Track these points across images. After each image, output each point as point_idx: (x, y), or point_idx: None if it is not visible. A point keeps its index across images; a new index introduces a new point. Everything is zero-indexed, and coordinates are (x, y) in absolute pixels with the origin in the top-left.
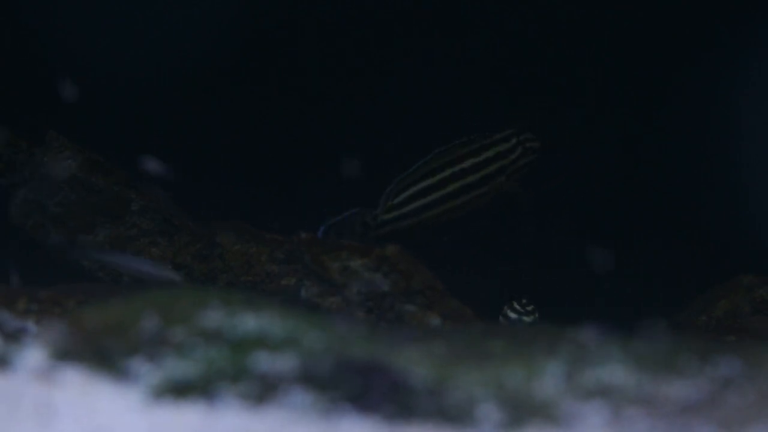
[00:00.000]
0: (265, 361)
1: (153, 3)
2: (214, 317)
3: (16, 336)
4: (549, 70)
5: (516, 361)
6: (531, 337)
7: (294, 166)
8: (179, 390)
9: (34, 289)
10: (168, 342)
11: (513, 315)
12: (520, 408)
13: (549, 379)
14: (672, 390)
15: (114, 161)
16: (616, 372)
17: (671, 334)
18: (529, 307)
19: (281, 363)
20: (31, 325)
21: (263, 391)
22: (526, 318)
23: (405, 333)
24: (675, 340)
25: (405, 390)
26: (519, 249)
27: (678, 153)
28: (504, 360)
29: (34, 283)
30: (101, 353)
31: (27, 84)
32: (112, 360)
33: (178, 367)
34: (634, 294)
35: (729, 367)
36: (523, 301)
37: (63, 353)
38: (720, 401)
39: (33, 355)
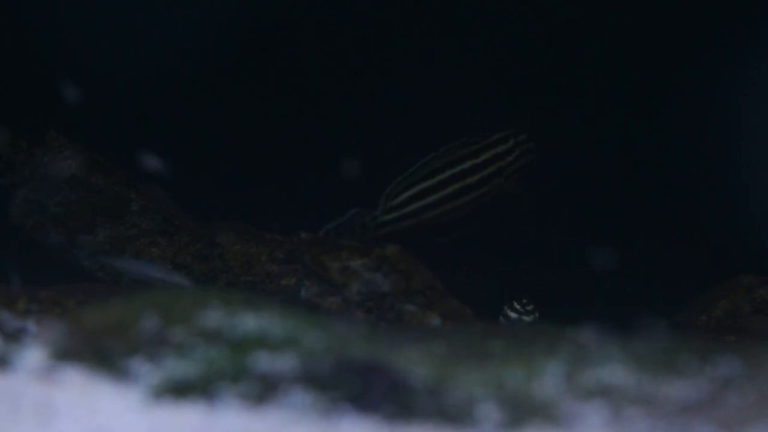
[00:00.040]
0: (265, 361)
1: (153, 3)
2: (214, 317)
3: (16, 336)
4: (549, 70)
5: (516, 361)
6: (531, 337)
7: (294, 166)
8: (179, 390)
9: (34, 289)
10: (168, 342)
11: (513, 315)
12: (520, 408)
13: (549, 379)
14: (672, 390)
15: (114, 161)
16: (616, 372)
17: (671, 334)
18: (529, 307)
19: (281, 363)
20: (31, 325)
21: (263, 391)
22: (526, 318)
23: (405, 333)
24: (675, 340)
25: (405, 390)
26: (519, 249)
27: (678, 153)
28: (504, 360)
29: (34, 283)
30: (101, 353)
31: (27, 84)
32: (112, 360)
33: (178, 367)
34: (634, 294)
35: (729, 367)
36: (523, 301)
37: (63, 353)
38: (720, 401)
39: (33, 355)
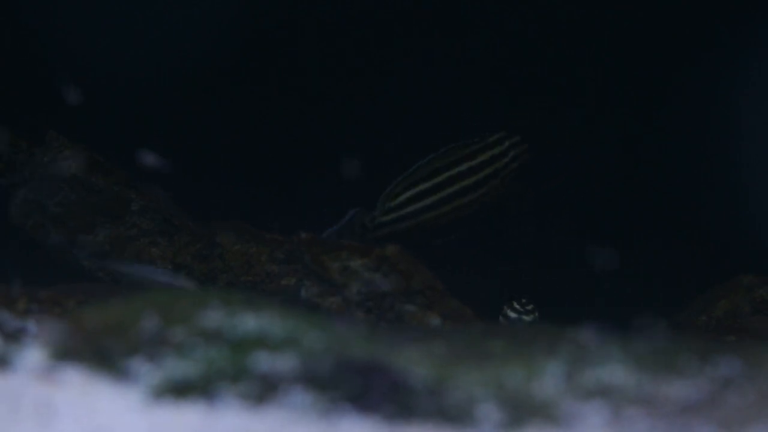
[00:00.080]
0: (265, 361)
1: (153, 3)
2: (214, 317)
3: (16, 336)
4: (549, 70)
5: (516, 361)
6: (531, 337)
7: (294, 166)
8: (179, 390)
9: (34, 289)
10: (168, 342)
11: (513, 314)
12: (520, 408)
13: (549, 379)
14: (672, 390)
15: (114, 161)
16: (616, 372)
17: (671, 334)
18: (529, 307)
19: (281, 363)
20: (31, 325)
21: (263, 391)
22: (526, 317)
23: (405, 333)
24: (675, 340)
25: (405, 390)
26: (519, 249)
27: (678, 153)
28: (504, 360)
29: (34, 283)
30: (101, 353)
31: (27, 84)
32: (112, 360)
33: (178, 367)
34: (634, 294)
35: (729, 367)
36: (523, 301)
37: (63, 353)
38: (720, 401)
39: (33, 355)
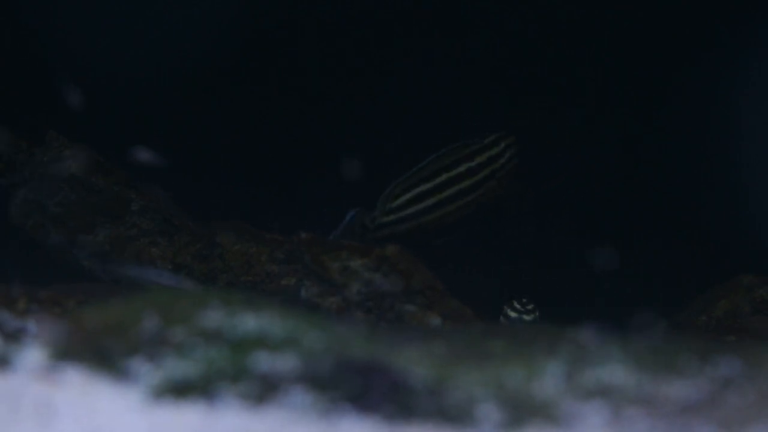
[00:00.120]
0: (265, 361)
1: (153, 3)
2: (214, 317)
3: (16, 336)
4: (549, 70)
5: (516, 361)
6: (531, 337)
7: (294, 166)
8: (179, 390)
9: (34, 289)
10: (168, 342)
11: (513, 314)
12: (520, 408)
13: (549, 379)
14: (672, 390)
15: (114, 161)
16: (616, 372)
17: (671, 334)
18: (529, 306)
19: (281, 363)
20: (31, 325)
21: (263, 391)
22: (526, 317)
23: (405, 333)
24: (675, 340)
25: (405, 390)
26: (519, 249)
27: (678, 153)
28: (504, 360)
29: (34, 283)
30: (101, 353)
31: (27, 84)
32: (112, 360)
33: (178, 367)
34: (634, 294)
35: (729, 367)
36: (523, 300)
37: (63, 353)
38: (720, 401)
39: (33, 355)
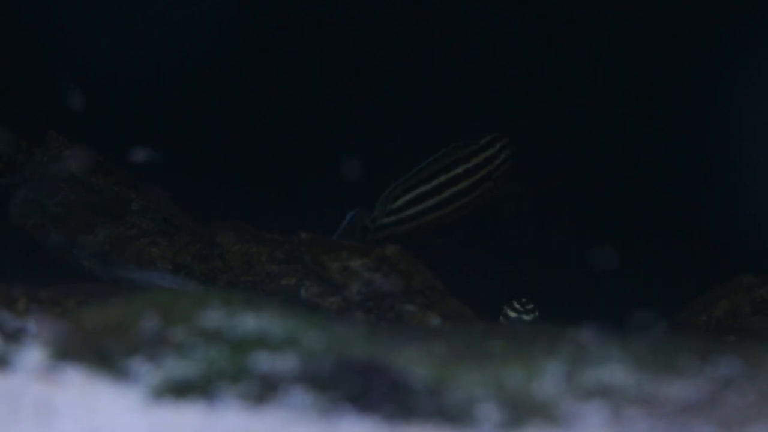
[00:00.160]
0: (265, 361)
1: (153, 3)
2: (214, 317)
3: (16, 336)
4: (549, 70)
5: (516, 361)
6: (531, 337)
7: (294, 166)
8: (179, 390)
9: (34, 289)
10: (168, 342)
11: (513, 314)
12: (520, 408)
13: (549, 379)
14: (672, 390)
15: (114, 161)
16: (616, 372)
17: (671, 334)
18: (529, 306)
19: (281, 363)
20: (31, 325)
21: (263, 391)
22: (526, 317)
23: (405, 333)
24: (675, 340)
25: (405, 390)
26: (519, 249)
27: (678, 153)
28: (504, 360)
29: (34, 283)
30: (101, 353)
31: (27, 84)
32: (112, 360)
33: (178, 367)
34: (634, 294)
35: (729, 367)
36: (523, 300)
37: (63, 353)
38: (720, 401)
39: (33, 355)
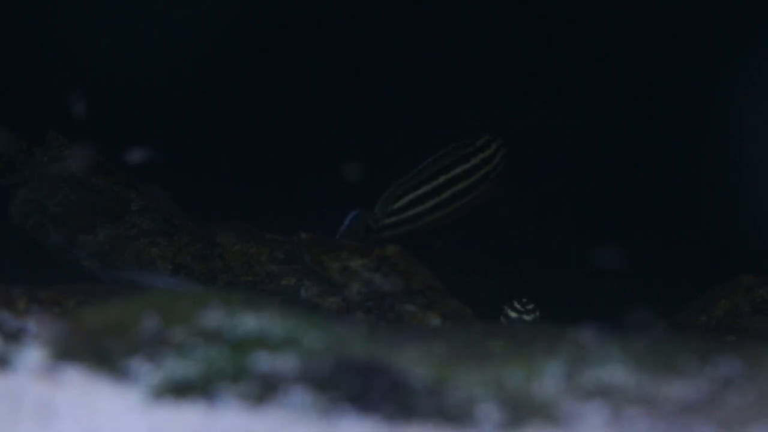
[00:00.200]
0: (265, 361)
1: (153, 3)
2: (214, 317)
3: (16, 336)
4: (549, 70)
5: (516, 361)
6: (531, 337)
7: (294, 166)
8: (179, 390)
9: (34, 289)
10: (168, 342)
11: (513, 314)
12: (520, 408)
13: (549, 379)
14: (672, 390)
15: (114, 161)
16: (616, 372)
17: (671, 334)
18: (530, 306)
19: (281, 363)
20: (31, 325)
21: (263, 391)
22: (526, 317)
23: (405, 333)
24: (675, 340)
25: (405, 390)
26: (519, 249)
27: (678, 153)
28: (504, 360)
29: (34, 283)
30: (101, 353)
31: (27, 84)
32: (112, 360)
33: (178, 367)
34: (634, 294)
35: (729, 367)
36: (524, 300)
37: (63, 353)
38: (720, 401)
39: (33, 355)
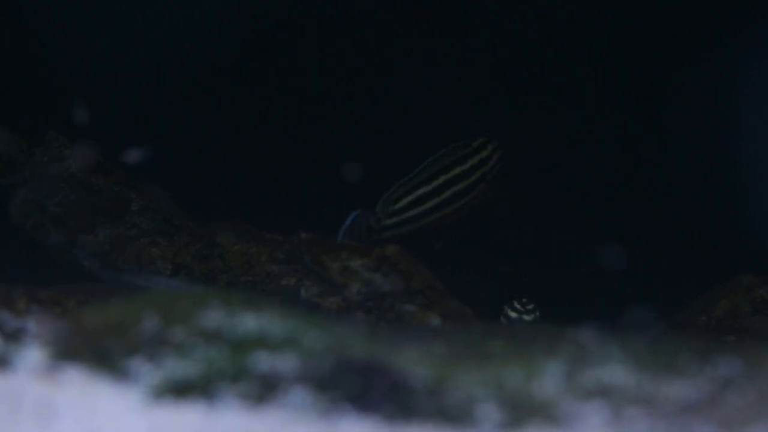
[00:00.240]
0: (265, 361)
1: (153, 3)
2: (214, 317)
3: (16, 336)
4: (549, 70)
5: (516, 361)
6: (531, 337)
7: (294, 166)
8: (179, 390)
9: (34, 289)
10: (168, 342)
11: (513, 314)
12: (520, 408)
13: (549, 379)
14: (672, 390)
15: (114, 161)
16: (616, 372)
17: (671, 334)
18: (530, 306)
19: (281, 363)
20: (31, 325)
21: (263, 391)
22: (526, 317)
23: (405, 333)
24: (675, 340)
25: (405, 390)
26: (519, 249)
27: (678, 153)
28: (504, 360)
29: (34, 283)
30: (101, 353)
31: (27, 84)
32: (112, 360)
33: (178, 367)
34: (634, 294)
35: (729, 367)
36: (524, 300)
37: (63, 353)
38: (720, 401)
39: (33, 355)
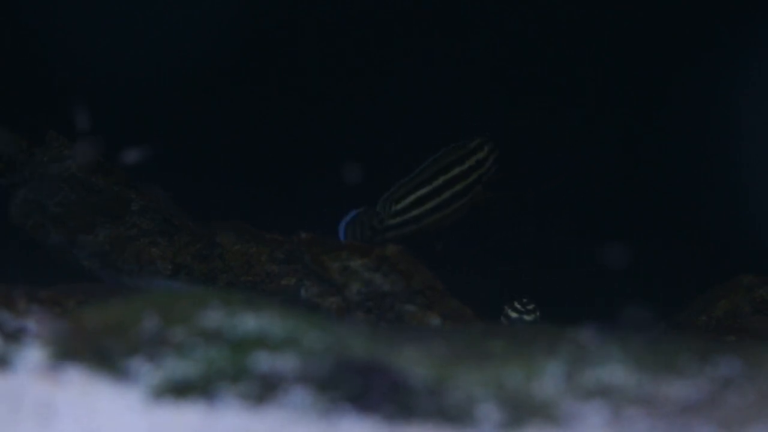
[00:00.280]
0: (265, 361)
1: (153, 3)
2: (214, 317)
3: (16, 336)
4: (549, 70)
5: (516, 361)
6: (531, 337)
7: (294, 166)
8: (179, 390)
9: (34, 289)
10: (168, 342)
11: (513, 314)
12: (520, 408)
13: (549, 379)
14: (672, 390)
15: (114, 161)
16: (616, 372)
17: (671, 334)
18: (530, 306)
19: (281, 363)
20: (31, 325)
21: (263, 391)
22: (527, 317)
23: (405, 333)
24: (675, 340)
25: (405, 390)
26: (519, 249)
27: (678, 153)
28: (504, 360)
29: (34, 283)
30: (101, 353)
31: (27, 84)
32: (112, 360)
33: (178, 367)
34: (634, 294)
35: (729, 367)
36: (524, 300)
37: (63, 353)
38: (720, 401)
39: (33, 355)
